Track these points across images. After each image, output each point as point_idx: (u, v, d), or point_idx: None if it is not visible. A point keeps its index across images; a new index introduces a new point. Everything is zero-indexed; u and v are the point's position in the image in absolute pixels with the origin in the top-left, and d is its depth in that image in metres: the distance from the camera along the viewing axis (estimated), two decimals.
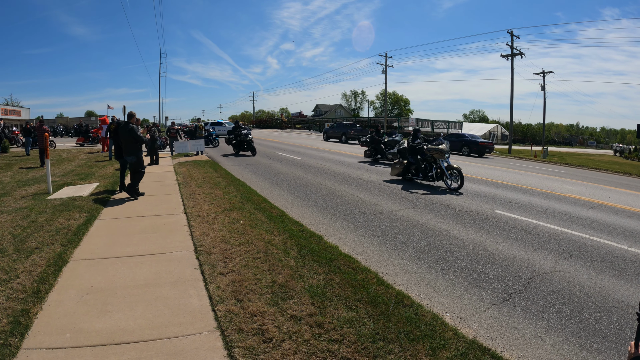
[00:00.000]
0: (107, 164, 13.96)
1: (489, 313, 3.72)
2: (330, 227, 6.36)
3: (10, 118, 42.78)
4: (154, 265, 4.49)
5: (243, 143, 17.75)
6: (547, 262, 5.01)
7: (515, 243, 5.76)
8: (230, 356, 2.84)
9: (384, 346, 2.96)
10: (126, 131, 8.05)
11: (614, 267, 4.94)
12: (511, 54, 32.24)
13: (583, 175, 17.51)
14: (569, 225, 6.85)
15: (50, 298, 3.65)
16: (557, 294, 4.11)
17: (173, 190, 9.18)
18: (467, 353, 2.92)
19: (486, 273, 4.63)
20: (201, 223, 6.11)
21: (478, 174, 13.54)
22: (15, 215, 6.38)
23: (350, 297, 3.71)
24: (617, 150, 43.81)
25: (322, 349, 2.91)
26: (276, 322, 3.25)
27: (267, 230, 5.70)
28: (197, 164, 13.97)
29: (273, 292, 3.80)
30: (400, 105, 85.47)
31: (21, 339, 2.95)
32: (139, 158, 8.28)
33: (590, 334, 3.39)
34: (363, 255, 5.08)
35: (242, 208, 7.04)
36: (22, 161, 15.25)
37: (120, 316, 3.36)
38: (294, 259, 4.63)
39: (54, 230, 5.55)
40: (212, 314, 3.42)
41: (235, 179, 10.61)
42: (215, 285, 3.95)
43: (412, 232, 6.15)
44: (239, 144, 17.77)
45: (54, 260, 4.45)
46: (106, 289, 3.87)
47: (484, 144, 24.33)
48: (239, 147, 17.86)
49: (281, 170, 12.91)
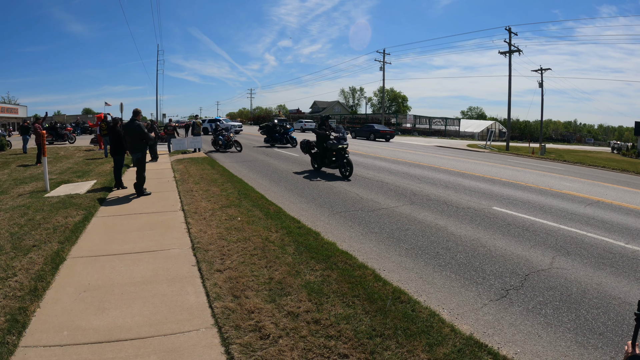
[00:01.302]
0: (104, 162, 13.92)
1: (486, 309, 3.73)
2: (327, 223, 6.36)
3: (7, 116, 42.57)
4: (151, 262, 4.49)
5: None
6: (545, 259, 5.03)
7: (512, 240, 5.77)
8: (228, 353, 2.84)
9: (380, 342, 2.97)
10: (132, 128, 8.04)
11: (611, 264, 4.96)
12: (509, 51, 32.21)
13: (580, 172, 17.55)
14: (566, 222, 6.87)
15: (47, 296, 3.65)
16: (554, 291, 4.13)
17: (170, 187, 9.17)
18: (464, 349, 2.93)
19: (483, 269, 4.65)
20: (198, 220, 6.10)
21: (475, 171, 13.55)
22: (12, 213, 6.36)
23: (348, 294, 3.71)
24: (615, 148, 43.97)
25: (319, 346, 2.91)
26: (273, 319, 3.26)
27: (265, 227, 5.70)
28: (195, 161, 13.94)
29: (270, 289, 3.80)
30: (398, 102, 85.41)
31: (19, 337, 2.95)
32: (144, 154, 8.34)
33: (587, 330, 3.40)
34: (360, 252, 5.09)
35: (240, 205, 7.03)
36: (20, 159, 15.19)
37: (118, 313, 3.35)
38: (291, 256, 4.63)
39: (51, 228, 5.54)
40: (209, 311, 3.42)
41: (232, 175, 10.60)
42: (212, 282, 3.95)
43: (410, 228, 6.16)
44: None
45: (52, 258, 4.44)
46: (103, 286, 3.87)
47: (385, 131, 32.78)
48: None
49: (279, 167, 12.89)
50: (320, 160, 11.47)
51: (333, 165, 11.02)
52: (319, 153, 11.42)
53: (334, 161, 10.98)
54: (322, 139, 11.25)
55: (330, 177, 10.90)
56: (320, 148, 11.30)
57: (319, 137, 11.34)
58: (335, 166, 10.97)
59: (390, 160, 15.88)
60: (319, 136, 11.35)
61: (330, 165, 11.09)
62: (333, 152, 10.85)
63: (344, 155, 10.59)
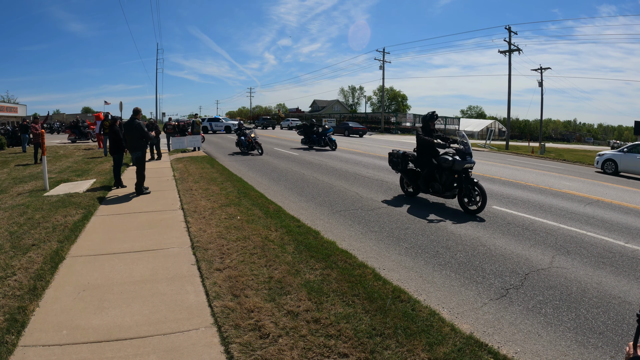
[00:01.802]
0: (104, 160, 13.90)
1: (486, 308, 3.73)
2: (327, 222, 6.36)
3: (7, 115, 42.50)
4: (151, 261, 4.48)
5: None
6: (544, 258, 5.02)
7: (512, 239, 5.77)
8: (227, 352, 2.83)
9: (380, 342, 2.97)
10: (132, 127, 8.02)
11: (611, 263, 4.95)
12: (509, 50, 32.18)
13: (580, 171, 17.55)
14: (565, 221, 6.87)
15: (47, 295, 3.64)
16: (554, 290, 4.12)
17: (170, 186, 9.16)
18: (464, 348, 2.92)
19: (483, 269, 4.64)
20: (198, 219, 6.10)
21: (475, 170, 13.53)
22: (11, 212, 6.35)
23: (347, 293, 3.71)
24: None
25: (319, 345, 2.91)
26: (273, 318, 3.25)
27: (264, 226, 5.69)
28: (194, 159, 13.92)
29: (270, 288, 3.80)
30: (398, 101, 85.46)
31: (18, 336, 2.94)
32: (144, 153, 8.34)
33: (587, 329, 3.40)
34: (360, 251, 5.08)
35: (239, 204, 7.02)
36: (19, 158, 15.16)
37: (117, 312, 3.35)
38: (291, 255, 4.62)
39: (50, 227, 5.52)
40: (208, 310, 3.42)
41: (232, 174, 10.59)
42: (212, 281, 3.94)
43: (409, 227, 6.16)
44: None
45: (51, 257, 4.43)
46: (103, 285, 3.86)
47: (357, 128, 37.46)
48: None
49: (278, 165, 12.88)
50: (423, 182, 7.62)
51: (449, 193, 7.30)
52: (426, 172, 7.54)
53: (452, 186, 7.27)
54: (429, 150, 7.67)
55: (329, 174, 10.85)
56: (424, 164, 7.66)
57: (425, 147, 7.69)
58: (450, 195, 7.32)
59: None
60: (425, 146, 7.69)
61: (445, 192, 7.33)
62: (453, 173, 7.18)
63: (471, 179, 7.03)
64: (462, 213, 7.10)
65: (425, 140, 7.55)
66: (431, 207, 7.50)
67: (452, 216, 6.90)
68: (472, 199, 6.97)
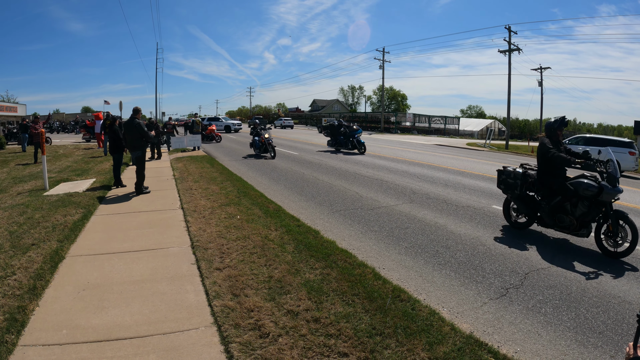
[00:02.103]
0: (103, 160, 13.90)
1: (485, 308, 3.73)
2: (327, 222, 6.36)
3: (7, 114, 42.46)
4: (151, 260, 4.48)
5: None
6: (545, 258, 5.02)
7: (512, 238, 5.77)
8: (227, 351, 2.83)
9: (380, 341, 2.97)
10: (132, 127, 8.02)
11: (611, 270, 4.95)
12: (509, 50, 32.16)
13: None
14: None
15: (46, 294, 3.64)
16: (553, 289, 4.13)
17: (170, 185, 9.16)
18: (464, 348, 2.92)
19: (483, 268, 4.64)
20: (198, 218, 6.10)
21: (475, 169, 13.55)
22: (11, 211, 6.35)
23: (347, 292, 3.71)
24: None
25: (319, 344, 2.91)
26: (273, 317, 3.25)
27: (264, 226, 5.69)
28: (194, 159, 13.93)
29: (270, 287, 3.80)
30: (398, 100, 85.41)
31: (17, 336, 2.94)
32: (144, 153, 8.33)
33: (587, 329, 3.40)
34: (360, 250, 5.08)
35: (239, 203, 7.02)
36: (19, 157, 15.16)
37: (117, 312, 3.35)
38: (291, 254, 4.62)
39: (50, 226, 5.52)
40: (208, 310, 3.42)
41: (232, 174, 10.59)
42: (211, 280, 3.94)
43: (409, 227, 6.16)
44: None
45: (51, 256, 4.43)
46: (103, 284, 3.86)
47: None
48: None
49: (278, 165, 12.88)
50: (549, 214, 5.57)
51: (584, 230, 5.32)
52: (558, 202, 5.48)
53: (590, 220, 5.30)
54: (561, 172, 5.71)
55: (329, 173, 10.83)
56: (552, 190, 5.64)
57: (556, 166, 5.69)
58: (586, 233, 5.33)
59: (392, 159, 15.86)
60: (555, 165, 5.68)
61: (581, 230, 5.33)
62: (598, 205, 5.17)
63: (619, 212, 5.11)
64: (462, 215, 7.09)
65: (561, 158, 5.43)
66: (429, 205, 7.49)
67: (452, 217, 6.89)
68: (617, 239, 5.02)
